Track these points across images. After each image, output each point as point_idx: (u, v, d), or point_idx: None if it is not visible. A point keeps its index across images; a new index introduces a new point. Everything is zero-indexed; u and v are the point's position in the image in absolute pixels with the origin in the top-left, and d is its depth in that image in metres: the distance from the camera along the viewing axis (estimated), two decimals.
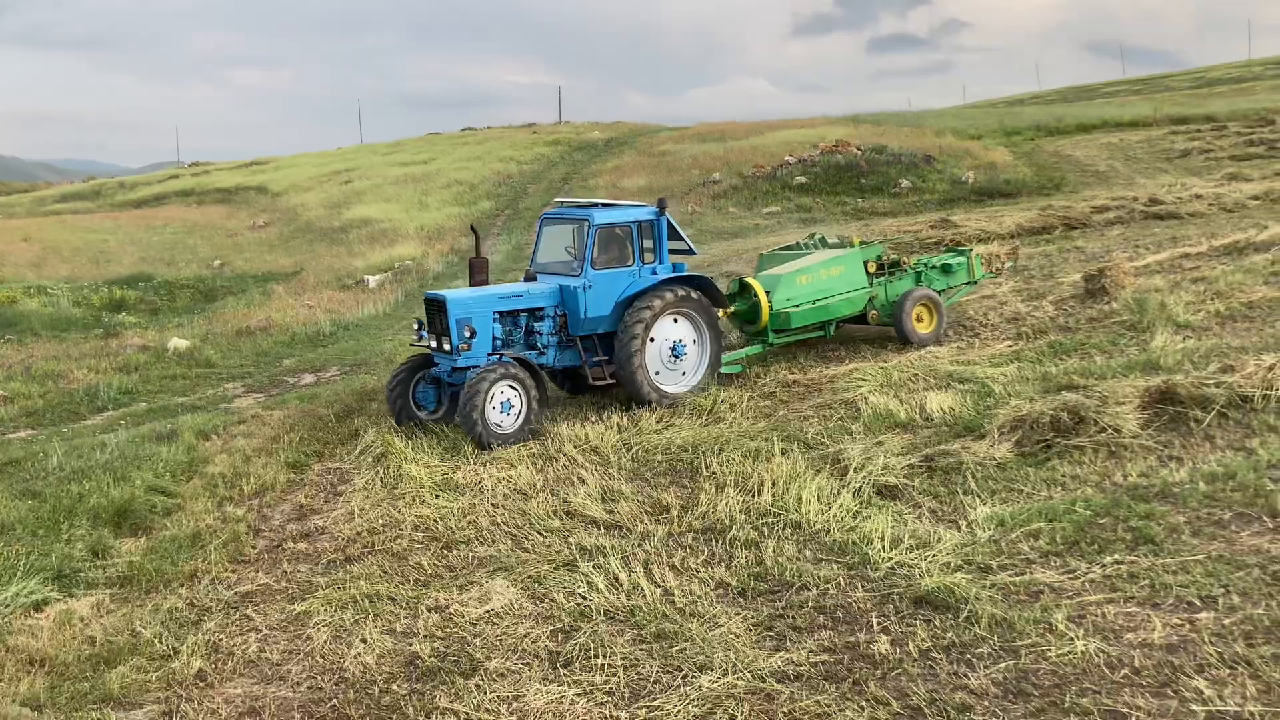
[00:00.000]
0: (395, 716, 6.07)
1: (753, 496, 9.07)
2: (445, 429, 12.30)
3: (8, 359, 22.41)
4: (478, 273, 13.60)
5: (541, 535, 8.85)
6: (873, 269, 15.44)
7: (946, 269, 16.12)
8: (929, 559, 7.35)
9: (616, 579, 7.64)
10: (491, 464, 10.95)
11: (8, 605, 8.06)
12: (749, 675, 6.06)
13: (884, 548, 7.66)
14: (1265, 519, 7.36)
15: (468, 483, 10.42)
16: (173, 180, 64.60)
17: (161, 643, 7.41)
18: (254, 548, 9.38)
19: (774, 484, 9.21)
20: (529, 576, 7.95)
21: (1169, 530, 7.37)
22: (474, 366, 12.10)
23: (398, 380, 12.74)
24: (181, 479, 11.40)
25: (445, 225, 35.86)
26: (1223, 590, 6.38)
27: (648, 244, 13.24)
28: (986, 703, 5.50)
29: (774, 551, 7.89)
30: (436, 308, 12.49)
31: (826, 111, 73.89)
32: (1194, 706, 5.19)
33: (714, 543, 8.29)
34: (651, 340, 12.81)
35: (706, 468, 10.02)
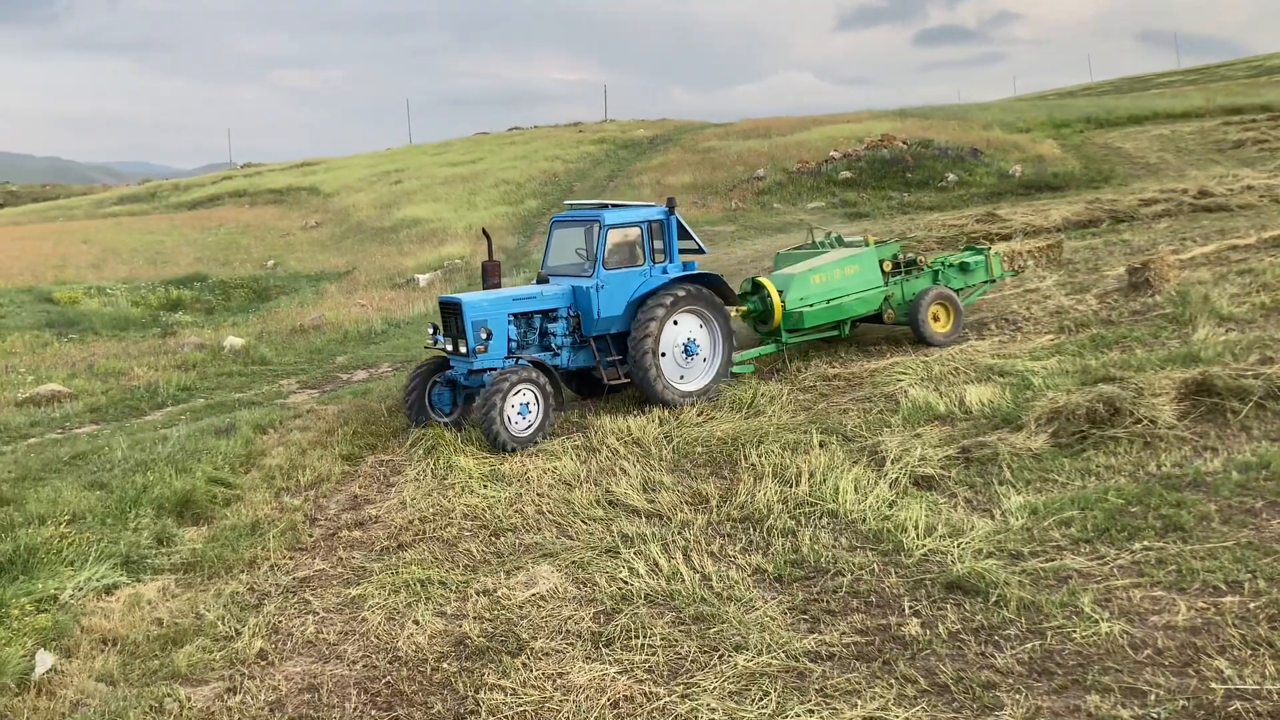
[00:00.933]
0: (446, 692, 6.39)
1: (790, 487, 9.30)
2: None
3: (71, 357, 23.15)
4: (490, 276, 13.69)
5: (585, 523, 9.15)
6: (888, 268, 15.37)
7: (965, 267, 16.00)
8: (961, 546, 7.55)
9: (657, 565, 7.91)
10: (537, 455, 11.27)
11: (81, 589, 8.49)
12: (783, 655, 6.31)
13: (918, 535, 7.86)
14: None
15: (514, 474, 10.75)
16: (226, 181, 65.75)
17: (224, 624, 7.80)
18: (310, 536, 9.77)
19: (811, 475, 9.44)
20: (573, 562, 8.25)
21: (1199, 518, 7.50)
22: (490, 368, 12.25)
23: (414, 384, 12.86)
24: (240, 471, 11.85)
25: (493, 224, 36.29)
26: (1249, 575, 6.52)
27: (658, 244, 13.31)
28: (1011, 681, 5.71)
29: (810, 539, 8.12)
30: (451, 311, 12.56)
31: (873, 105, 73.48)
32: (1214, 685, 5.36)
33: (752, 531, 8.54)
34: (663, 340, 12.85)
35: (746, 459, 10.25)
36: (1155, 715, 5.17)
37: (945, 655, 6.10)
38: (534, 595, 7.65)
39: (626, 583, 7.67)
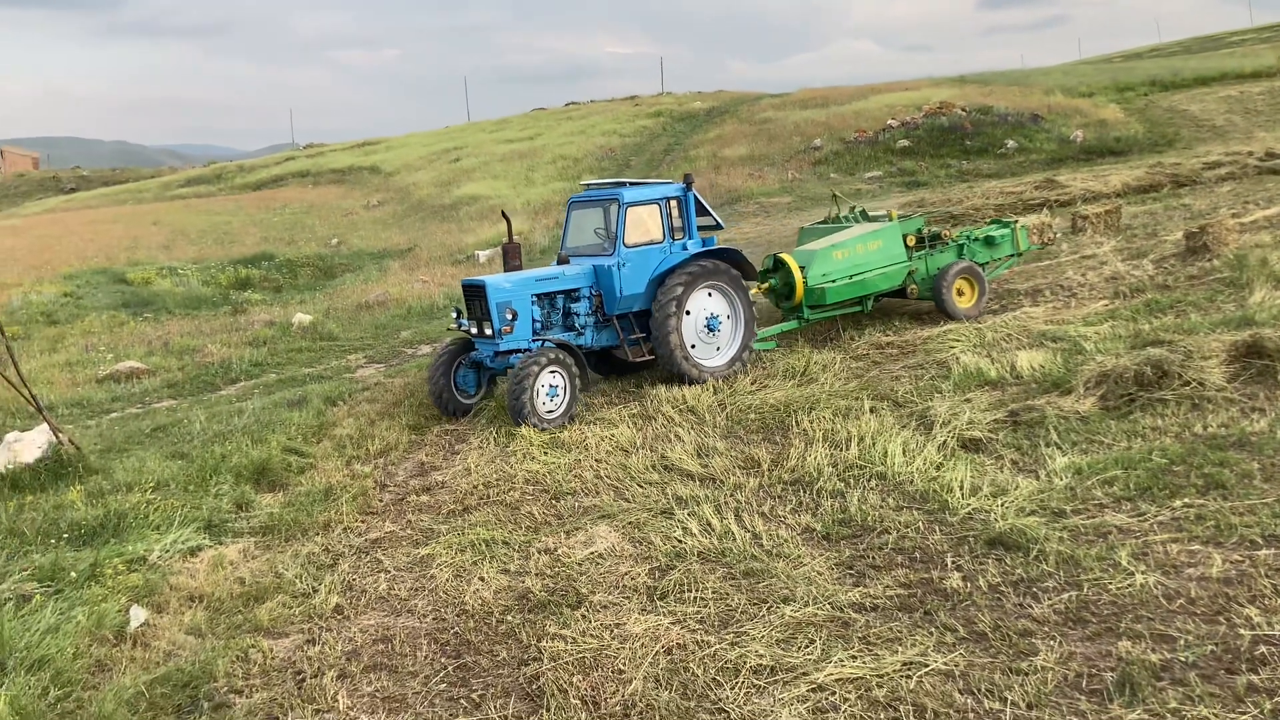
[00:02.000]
0: (511, 641, 6.79)
1: (840, 451, 9.57)
2: None
3: (147, 335, 24.02)
4: (511, 258, 13.77)
5: (641, 487, 9.50)
6: (912, 242, 15.26)
7: (990, 241, 15.85)
8: (1005, 505, 7.77)
9: (709, 524, 8.24)
10: (595, 424, 11.64)
11: (168, 551, 9.03)
12: (828, 606, 6.61)
13: (962, 495, 8.10)
14: None
15: (573, 441, 11.13)
16: (289, 162, 66.91)
17: (302, 582, 8.28)
18: (381, 500, 10.26)
19: (861, 439, 9.69)
20: (629, 523, 8.61)
21: (1241, 476, 7.64)
22: (517, 349, 12.37)
23: (439, 367, 12.91)
24: (312, 441, 12.39)
25: (551, 200, 36.70)
26: None
27: (677, 221, 13.37)
28: (1047, 629, 5.96)
29: (858, 500, 8.39)
30: (475, 293, 12.58)
31: (934, 72, 72.68)
32: (1242, 631, 5.56)
33: (802, 493, 8.83)
34: (687, 314, 12.91)
35: (797, 425, 10.53)
36: (1184, 659, 5.39)
37: (984, 606, 6.36)
38: (592, 553, 8.03)
39: (680, 541, 8.02)
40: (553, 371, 11.94)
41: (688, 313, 12.93)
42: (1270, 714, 4.84)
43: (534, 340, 12.52)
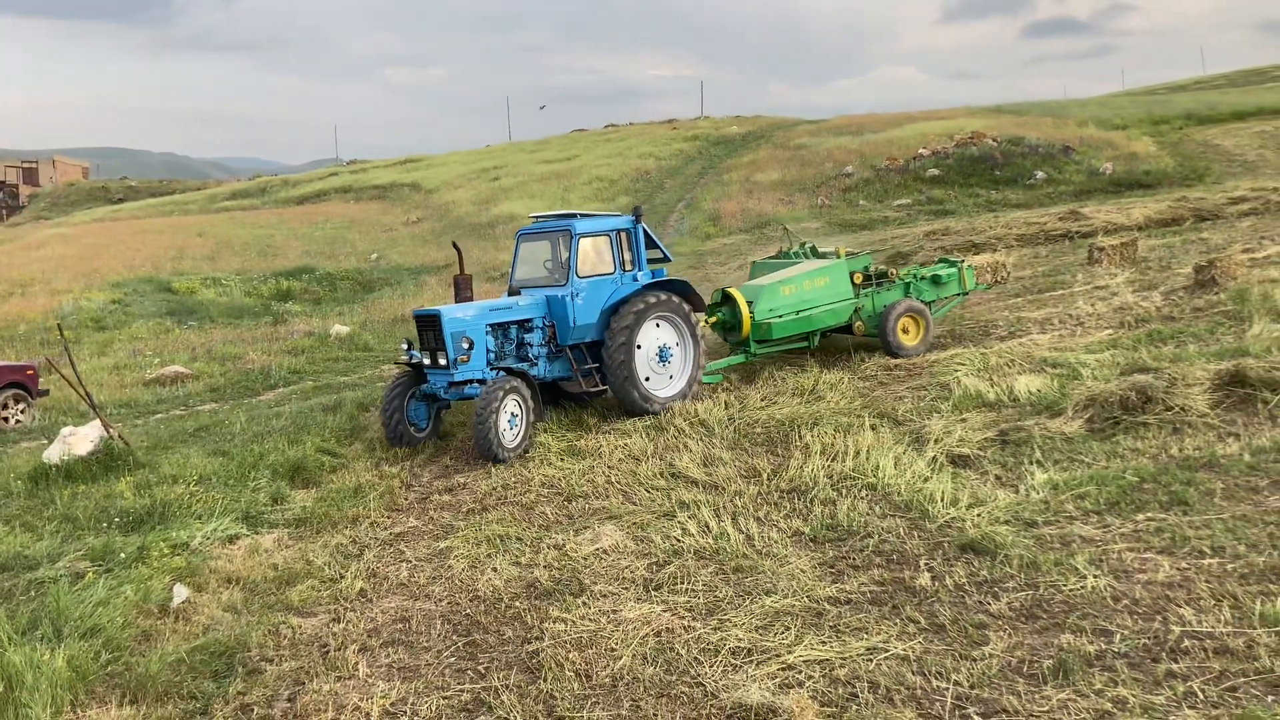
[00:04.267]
0: (516, 623, 7.45)
1: (836, 463, 10.16)
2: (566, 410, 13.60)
3: (192, 343, 25.03)
4: (463, 289, 13.65)
5: (648, 492, 10.15)
6: (859, 280, 15.42)
7: (936, 280, 16.07)
8: (980, 514, 8.34)
9: (707, 526, 8.87)
10: (610, 434, 12.31)
11: (208, 538, 9.77)
12: (806, 599, 7.22)
13: (943, 505, 8.67)
14: None
15: (589, 449, 11.80)
16: (332, 178, 68.29)
17: (330, 569, 8.99)
18: (406, 499, 10.98)
19: (857, 453, 10.28)
20: (634, 523, 9.26)
21: (1204, 494, 8.16)
22: (471, 379, 12.28)
23: (393, 401, 12.76)
24: (345, 443, 13.18)
25: None
26: (1234, 542, 7.20)
27: (627, 253, 13.46)
28: (1001, 622, 6.53)
29: (848, 508, 8.98)
30: (429, 323, 12.44)
31: (976, 100, 72.82)
32: (1174, 627, 6.12)
33: (796, 500, 9.44)
34: (639, 346, 12.96)
35: (800, 439, 11.13)
36: (1116, 650, 5.95)
37: (948, 602, 6.94)
38: (597, 549, 8.67)
39: (679, 540, 8.65)
40: (511, 400, 11.93)
41: (639, 347, 12.99)
42: (1182, 695, 5.41)
43: (489, 370, 12.48)
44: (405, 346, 13.20)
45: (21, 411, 17.30)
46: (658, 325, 13.29)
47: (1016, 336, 15.35)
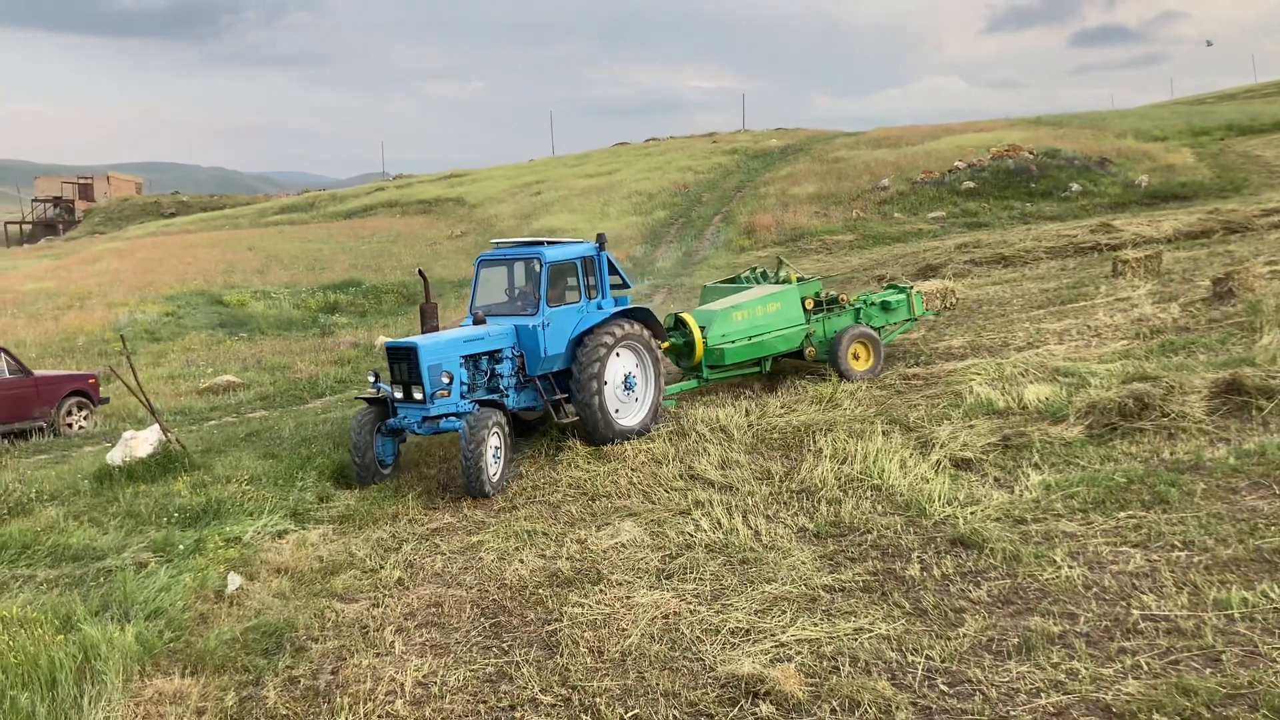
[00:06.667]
0: (539, 607, 8.14)
1: (845, 466, 10.77)
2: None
3: (242, 353, 26.04)
4: (429, 318, 13.55)
5: (667, 492, 10.82)
6: (810, 305, 15.59)
7: (886, 306, 16.28)
8: (974, 512, 8.92)
9: (719, 522, 9.53)
10: (634, 439, 12.95)
11: (259, 532, 10.56)
12: (803, 586, 7.86)
13: (940, 504, 9.26)
14: (1274, 486, 8.59)
15: (614, 454, 12.48)
16: (379, 193, 69.51)
17: (371, 560, 9.74)
18: (442, 498, 11.72)
19: (865, 457, 10.87)
20: (651, 520, 9.93)
21: (1185, 494, 8.69)
22: (447, 414, 11.92)
23: (363, 436, 12.27)
24: (402, 440, 13.90)
25: (623, 234, 38.24)
26: (1204, 537, 7.74)
27: (591, 280, 13.36)
28: (979, 607, 7.13)
29: (852, 507, 9.59)
30: (403, 356, 11.99)
31: (1019, 110, 72.96)
32: (1134, 611, 6.68)
33: (805, 500, 10.07)
34: (606, 380, 12.86)
35: (814, 444, 11.74)
36: (1078, 630, 6.53)
37: (932, 590, 7.54)
38: (616, 543, 9.35)
39: (691, 535, 9.31)
40: (494, 434, 11.69)
41: (605, 381, 12.90)
42: (1129, 668, 5.98)
43: (463, 403, 12.13)
44: (372, 379, 12.99)
45: (85, 418, 18.33)
46: (618, 355, 13.19)
47: (1034, 347, 15.80)
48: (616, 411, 13.07)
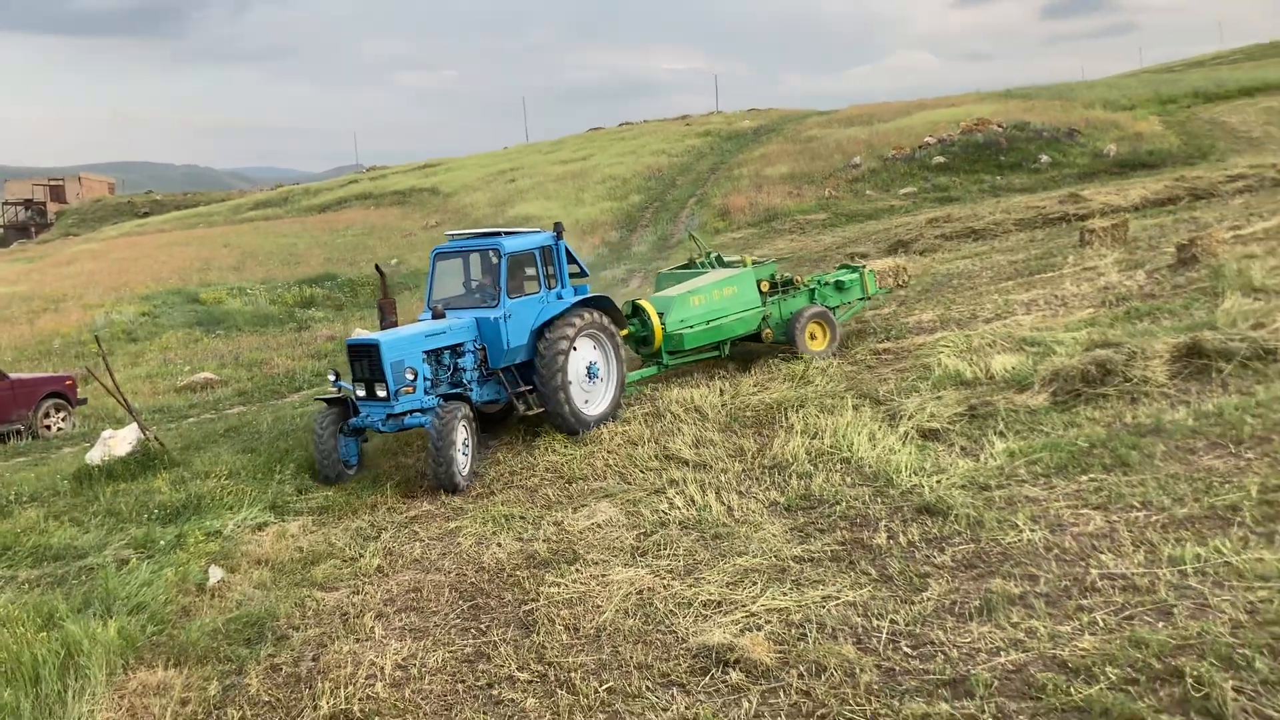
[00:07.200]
0: (516, 589, 8.30)
1: (816, 441, 10.94)
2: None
3: (219, 350, 26.05)
4: (388, 314, 13.45)
5: (642, 472, 10.98)
6: (765, 288, 15.66)
7: (840, 286, 16.41)
8: (939, 481, 9.11)
9: (692, 500, 9.70)
10: (610, 423, 13.10)
11: (239, 525, 10.68)
12: (774, 558, 8.04)
13: (907, 474, 9.44)
14: (1230, 446, 8.80)
15: (591, 436, 12.63)
16: (352, 185, 69.16)
17: (350, 549, 9.88)
18: (420, 486, 11.84)
19: (835, 431, 11.05)
20: (627, 500, 10.10)
21: (1145, 456, 8.89)
22: (411, 410, 11.82)
23: (327, 441, 12.16)
24: (364, 439, 14.01)
25: (598, 220, 38.30)
26: (1162, 497, 7.94)
27: (550, 269, 13.26)
28: (943, 572, 7.32)
29: (822, 481, 9.77)
30: (364, 353, 11.84)
31: (991, 83, 73.33)
32: (1092, 570, 6.88)
33: (776, 475, 10.24)
34: (569, 366, 12.74)
35: (786, 420, 11.91)
36: (1038, 591, 6.73)
37: (898, 556, 7.73)
38: (592, 524, 9.52)
39: (666, 513, 9.49)
40: (461, 427, 11.61)
41: (570, 363, 12.81)
42: (1086, 625, 6.18)
43: (428, 398, 12.02)
44: (333, 378, 12.89)
45: (63, 419, 18.35)
46: (586, 343, 13.20)
47: (1002, 318, 16.00)
48: (586, 403, 13.08)
